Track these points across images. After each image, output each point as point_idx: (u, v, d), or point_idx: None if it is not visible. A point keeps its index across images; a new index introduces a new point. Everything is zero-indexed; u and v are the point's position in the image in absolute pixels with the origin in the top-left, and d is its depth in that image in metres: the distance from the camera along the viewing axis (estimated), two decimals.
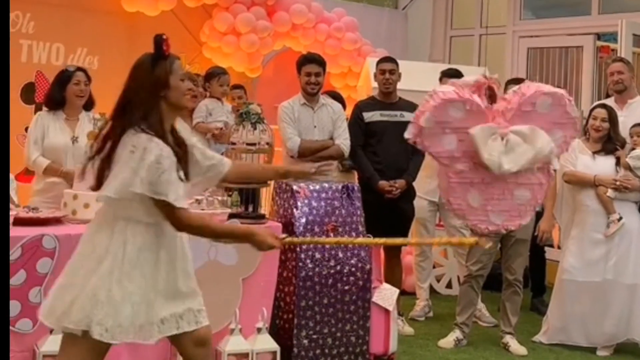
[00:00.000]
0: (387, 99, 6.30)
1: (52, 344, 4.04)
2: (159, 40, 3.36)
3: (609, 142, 5.99)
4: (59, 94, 5.36)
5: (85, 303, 3.16)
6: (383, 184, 6.00)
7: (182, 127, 3.46)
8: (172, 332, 3.31)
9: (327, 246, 5.05)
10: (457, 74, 6.62)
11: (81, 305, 3.16)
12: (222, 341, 4.61)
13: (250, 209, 4.92)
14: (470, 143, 4.79)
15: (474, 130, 4.76)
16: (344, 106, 6.65)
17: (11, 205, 4.56)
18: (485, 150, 4.75)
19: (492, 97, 4.92)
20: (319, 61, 6.10)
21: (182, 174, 3.25)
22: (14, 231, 4.12)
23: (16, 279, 4.05)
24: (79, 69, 5.48)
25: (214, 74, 6.21)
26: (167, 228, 3.29)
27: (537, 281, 7.32)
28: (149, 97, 3.28)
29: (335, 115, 6.11)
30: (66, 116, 5.39)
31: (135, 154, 3.16)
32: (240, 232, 3.52)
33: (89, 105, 5.47)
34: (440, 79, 6.68)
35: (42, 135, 5.31)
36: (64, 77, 5.37)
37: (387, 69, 6.29)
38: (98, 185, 3.31)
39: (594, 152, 5.99)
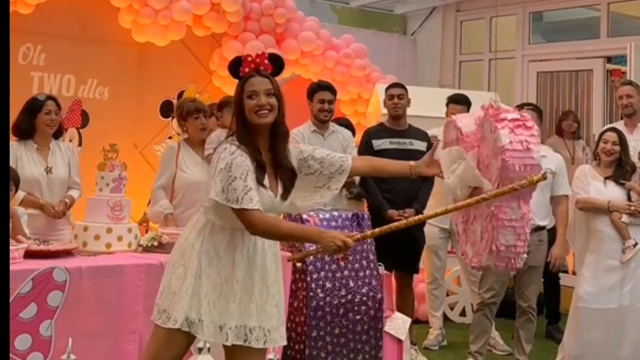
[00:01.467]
0: (396, 125, 6.29)
1: None
2: (231, 62, 3.55)
3: (620, 167, 5.94)
4: (29, 124, 5.31)
5: (165, 296, 3.45)
6: (392, 212, 5.96)
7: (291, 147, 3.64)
8: (239, 342, 3.42)
9: (338, 275, 5.03)
10: (463, 99, 6.65)
11: (163, 298, 3.45)
12: None
13: None
14: None
15: (440, 152, 4.68)
16: (354, 133, 6.65)
17: (22, 238, 4.56)
18: (447, 173, 4.63)
19: None
20: (332, 89, 6.16)
21: (262, 180, 3.41)
22: (25, 264, 4.13)
23: (27, 312, 4.03)
24: (50, 97, 5.43)
25: (226, 104, 6.10)
26: (246, 235, 3.45)
27: (552, 308, 7.26)
28: (236, 116, 3.51)
29: (346, 142, 6.13)
30: (37, 146, 5.35)
31: (213, 163, 3.40)
32: (310, 233, 3.62)
33: (58, 133, 5.44)
34: (447, 105, 6.69)
35: (15, 167, 5.24)
36: (34, 106, 5.32)
37: (396, 93, 6.29)
38: None
39: (606, 178, 5.95)
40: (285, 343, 3.64)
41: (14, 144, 5.33)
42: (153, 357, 3.46)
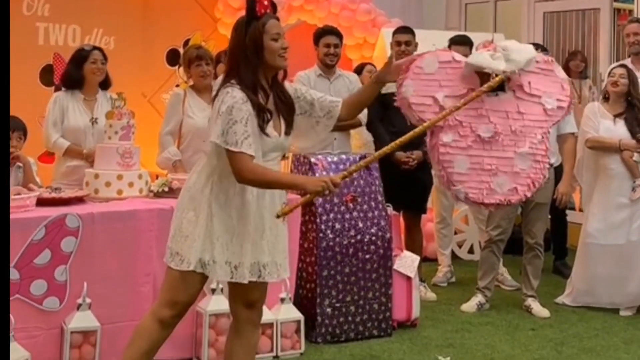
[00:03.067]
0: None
1: (79, 320, 4.16)
2: (251, 1, 3.45)
3: (631, 106, 5.94)
4: (77, 74, 5.39)
5: (176, 239, 3.47)
6: (400, 155, 5.97)
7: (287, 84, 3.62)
8: (254, 278, 3.48)
9: (347, 216, 5.09)
10: (465, 41, 6.61)
11: (175, 241, 3.48)
12: None
13: None
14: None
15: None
16: None
17: (34, 187, 4.63)
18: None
19: None
20: (337, 33, 6.14)
21: (267, 127, 3.40)
22: (38, 212, 4.20)
23: (41, 258, 4.12)
24: (96, 48, 5.50)
25: None
26: None
27: (559, 244, 7.32)
28: (243, 57, 3.42)
29: (352, 85, 6.13)
30: (84, 97, 5.42)
31: (215, 107, 3.38)
32: (295, 180, 3.63)
33: (105, 84, 5.50)
34: (449, 46, 6.65)
35: (62, 117, 5.34)
36: (80, 57, 5.40)
37: (403, 40, 6.24)
38: None
39: (615, 116, 5.96)
40: (289, 274, 3.72)
41: (60, 94, 5.44)
42: (169, 298, 3.51)
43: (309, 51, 6.23)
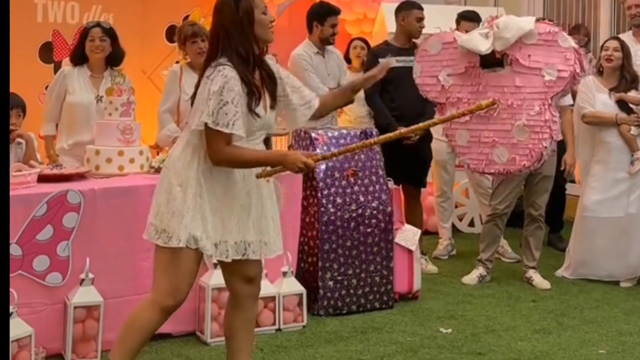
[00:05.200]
0: (402, 44, 6.26)
1: (82, 295, 4.17)
2: None
3: (624, 78, 5.93)
4: (79, 51, 5.41)
5: (162, 216, 3.40)
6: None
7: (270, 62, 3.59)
8: (239, 257, 3.45)
9: (348, 190, 5.11)
10: (474, 16, 6.56)
11: (160, 218, 3.40)
12: None
13: None
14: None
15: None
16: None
17: (34, 163, 4.65)
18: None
19: None
20: (340, 12, 6.16)
21: (256, 106, 3.37)
22: (39, 188, 4.22)
23: (43, 234, 4.14)
24: (98, 24, 5.48)
25: None
26: None
27: (556, 217, 7.31)
28: (237, 32, 3.40)
29: (340, 61, 6.23)
30: (91, 73, 5.42)
31: (205, 86, 3.33)
32: (273, 157, 3.54)
33: (114, 61, 5.49)
34: (458, 21, 6.62)
35: (63, 94, 5.36)
36: (83, 34, 5.42)
37: (423, 17, 6.23)
38: None
39: (611, 90, 5.95)
40: (281, 252, 3.67)
41: (67, 70, 5.45)
42: (170, 286, 3.41)
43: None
